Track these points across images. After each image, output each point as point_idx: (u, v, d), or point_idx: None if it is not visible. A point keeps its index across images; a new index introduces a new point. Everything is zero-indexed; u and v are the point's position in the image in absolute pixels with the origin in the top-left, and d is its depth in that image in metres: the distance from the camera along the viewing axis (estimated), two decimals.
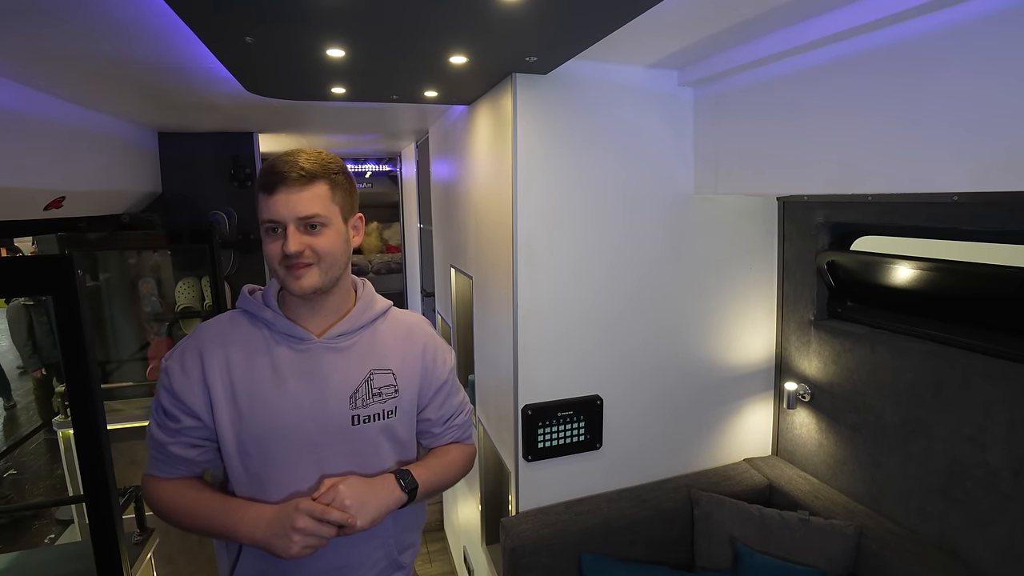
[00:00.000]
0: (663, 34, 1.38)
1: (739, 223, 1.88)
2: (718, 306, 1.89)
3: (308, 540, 0.88)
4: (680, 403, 1.89)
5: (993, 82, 0.97)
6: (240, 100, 2.01)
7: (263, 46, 1.24)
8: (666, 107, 1.73)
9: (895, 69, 1.15)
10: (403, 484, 0.98)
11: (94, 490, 1.31)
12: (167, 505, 0.97)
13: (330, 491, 0.92)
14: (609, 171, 1.69)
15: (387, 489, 0.97)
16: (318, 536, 0.88)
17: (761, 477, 1.90)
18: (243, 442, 0.95)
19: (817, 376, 1.83)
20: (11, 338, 3.70)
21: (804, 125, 1.39)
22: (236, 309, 1.03)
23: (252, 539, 0.90)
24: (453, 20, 1.10)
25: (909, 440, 1.54)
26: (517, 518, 1.71)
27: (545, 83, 1.57)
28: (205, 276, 2.85)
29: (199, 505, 0.96)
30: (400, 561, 1.11)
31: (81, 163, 2.04)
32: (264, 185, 0.92)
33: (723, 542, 1.68)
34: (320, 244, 0.93)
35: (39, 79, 1.61)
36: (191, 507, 0.96)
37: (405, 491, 0.98)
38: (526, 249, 1.63)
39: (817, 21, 1.23)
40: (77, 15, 1.15)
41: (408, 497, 0.99)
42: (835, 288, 1.79)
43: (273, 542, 0.88)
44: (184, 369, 0.95)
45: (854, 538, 1.54)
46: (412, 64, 1.42)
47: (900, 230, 1.56)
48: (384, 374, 1.03)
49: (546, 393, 1.72)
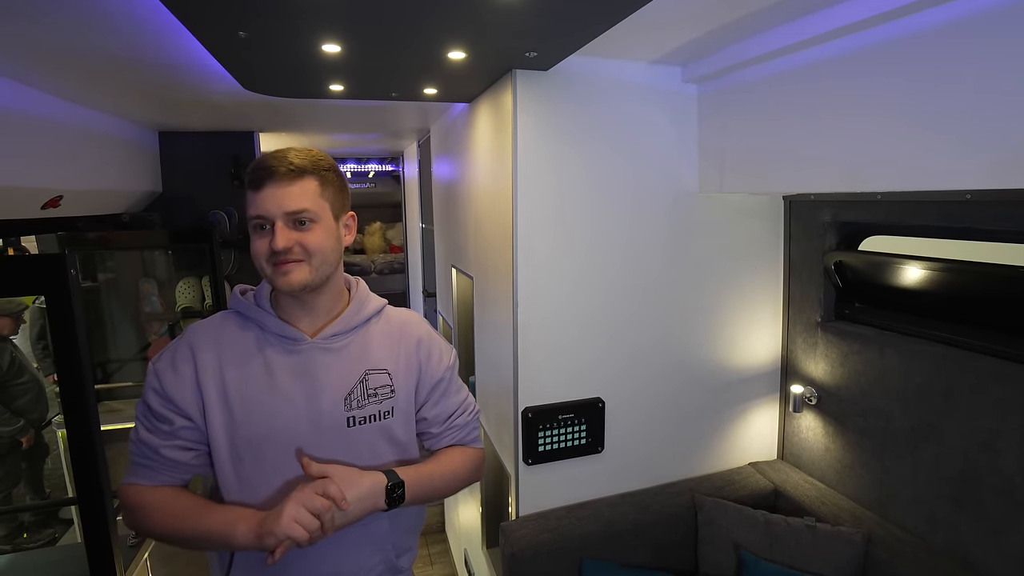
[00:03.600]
0: (666, 29, 1.34)
1: (744, 222, 1.84)
2: (722, 307, 1.86)
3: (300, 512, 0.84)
4: (683, 405, 1.86)
5: (1010, 75, 0.94)
6: (239, 98, 1.99)
7: (257, 41, 1.22)
8: (669, 104, 1.69)
9: (907, 63, 1.12)
10: (387, 477, 0.95)
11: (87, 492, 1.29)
12: (154, 513, 0.92)
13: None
14: (611, 169, 1.66)
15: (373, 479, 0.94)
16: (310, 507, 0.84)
17: (766, 482, 1.86)
18: (236, 446, 0.93)
19: (824, 379, 1.79)
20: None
21: (812, 122, 1.36)
22: (228, 310, 1.02)
23: (246, 534, 0.86)
24: (450, 13, 1.07)
25: (919, 445, 1.50)
26: (517, 522, 1.68)
27: (546, 80, 1.54)
28: (205, 276, 2.84)
29: (191, 511, 0.92)
30: (398, 565, 1.08)
31: (80, 162, 2.03)
32: (252, 181, 0.90)
33: (727, 548, 1.65)
34: (309, 240, 0.91)
35: (35, 76, 1.59)
36: (182, 514, 0.92)
37: (388, 484, 0.94)
38: (526, 248, 1.60)
39: (825, 14, 1.19)
40: (71, 10, 1.14)
41: (388, 507, 0.95)
42: (843, 289, 1.75)
43: (264, 530, 0.84)
44: (176, 370, 0.93)
45: (862, 545, 1.50)
46: (410, 60, 1.39)
47: (911, 229, 1.52)
48: (379, 374, 1.01)
49: (547, 395, 1.69)
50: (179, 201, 2.89)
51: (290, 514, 0.84)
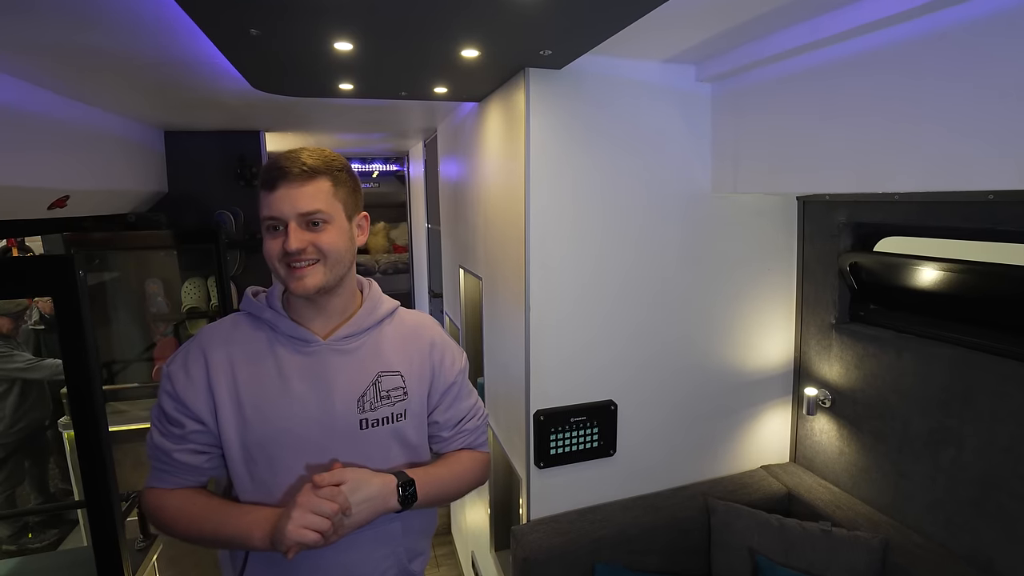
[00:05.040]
0: (680, 28, 1.32)
1: (758, 223, 1.82)
2: (735, 308, 1.83)
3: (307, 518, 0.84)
4: (696, 408, 1.83)
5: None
6: (246, 97, 1.98)
7: (268, 40, 1.20)
8: (683, 104, 1.67)
9: (927, 62, 1.09)
10: (400, 492, 0.94)
11: (95, 495, 1.28)
12: (173, 516, 0.93)
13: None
14: (624, 169, 1.64)
15: (383, 480, 0.93)
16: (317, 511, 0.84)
17: (780, 485, 1.84)
18: (248, 448, 0.93)
19: (838, 381, 1.77)
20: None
21: (827, 122, 1.34)
22: (239, 312, 1.01)
23: (262, 539, 0.87)
24: (466, 10, 1.05)
25: (938, 450, 1.47)
26: (528, 526, 1.66)
27: (559, 79, 1.53)
28: (211, 276, 2.83)
29: (208, 513, 0.92)
30: (410, 569, 1.08)
31: (86, 162, 2.01)
32: (265, 181, 0.89)
33: (742, 553, 1.62)
34: (323, 241, 0.90)
35: (43, 76, 1.58)
36: (199, 516, 0.92)
37: (399, 500, 0.94)
38: (538, 249, 1.58)
39: (842, 12, 1.17)
40: (78, 8, 1.12)
41: (402, 507, 0.94)
42: (858, 291, 1.73)
43: (276, 543, 0.85)
44: (188, 373, 0.93)
45: (880, 550, 1.48)
46: (422, 58, 1.38)
47: (929, 231, 1.50)
48: (392, 376, 1.00)
49: (558, 398, 1.67)
50: (185, 201, 2.88)
51: (297, 521, 0.83)
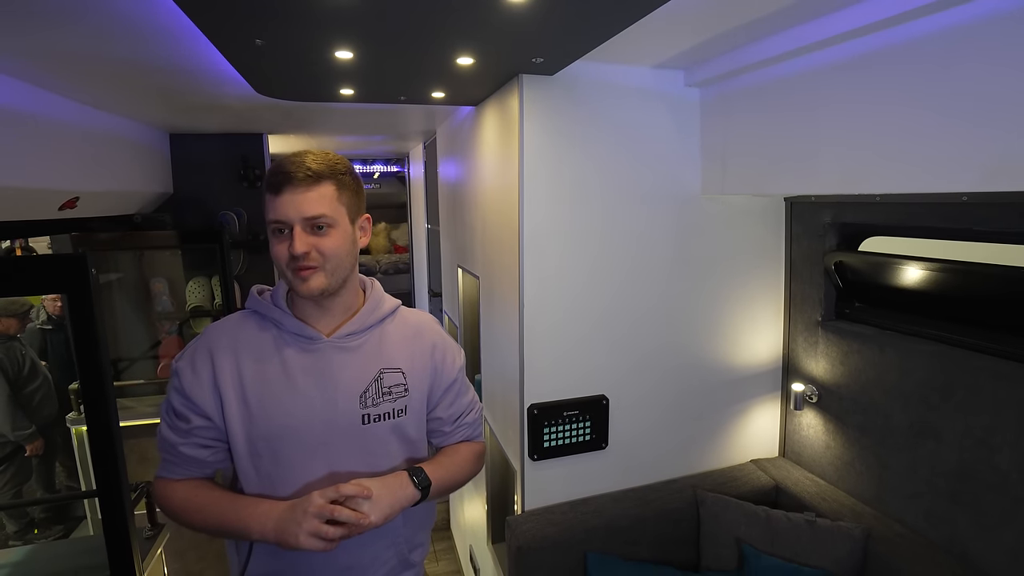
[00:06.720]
0: (669, 34, 1.38)
1: (746, 223, 1.87)
2: (725, 306, 1.89)
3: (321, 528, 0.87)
4: (686, 403, 1.89)
5: (1003, 80, 0.97)
6: (250, 101, 2.03)
7: (273, 49, 1.26)
8: (672, 108, 1.73)
9: (904, 68, 1.15)
10: (416, 481, 0.98)
11: (107, 485, 1.33)
12: (179, 506, 0.97)
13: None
14: (615, 172, 1.69)
15: (400, 486, 0.97)
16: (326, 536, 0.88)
17: (768, 478, 1.89)
18: (253, 442, 0.96)
19: (824, 377, 1.82)
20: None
21: (812, 125, 1.39)
22: (245, 310, 1.04)
23: (263, 534, 0.90)
24: (460, 21, 1.11)
25: (918, 442, 1.53)
26: (523, 517, 1.72)
27: (552, 84, 1.58)
28: (215, 276, 2.88)
29: (211, 504, 0.96)
30: (410, 560, 1.11)
31: (95, 164, 2.07)
32: (271, 185, 0.92)
33: (729, 543, 1.68)
34: (326, 245, 0.93)
35: (53, 81, 1.63)
36: (203, 506, 0.96)
37: (419, 488, 0.98)
38: (532, 249, 1.64)
39: (826, 20, 1.22)
40: (88, 16, 1.17)
41: (421, 495, 0.99)
42: (843, 289, 1.78)
43: (283, 535, 0.88)
44: (195, 370, 0.96)
45: (861, 540, 1.53)
46: (419, 66, 1.43)
47: (909, 231, 1.55)
48: (394, 373, 1.04)
49: (552, 392, 1.72)
50: (189, 202, 2.93)
51: (309, 530, 0.86)
